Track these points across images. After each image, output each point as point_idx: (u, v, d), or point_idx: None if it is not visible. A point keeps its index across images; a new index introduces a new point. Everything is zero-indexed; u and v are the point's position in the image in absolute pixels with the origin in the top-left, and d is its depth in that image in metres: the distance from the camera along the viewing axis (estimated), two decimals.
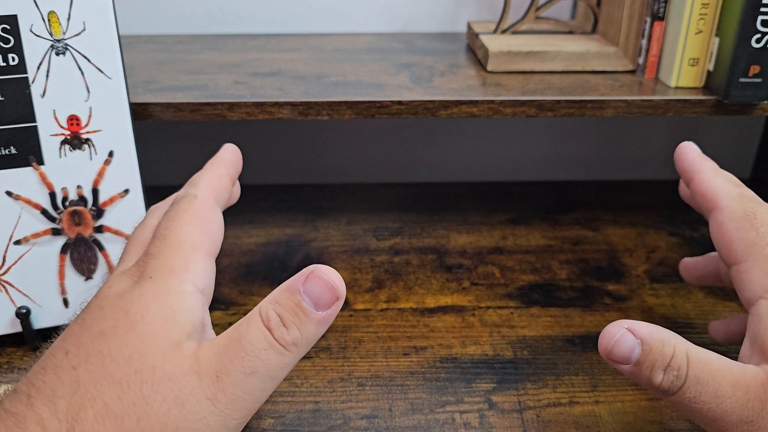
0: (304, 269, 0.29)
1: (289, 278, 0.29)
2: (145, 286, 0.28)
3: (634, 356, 0.30)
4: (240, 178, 0.71)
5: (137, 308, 0.28)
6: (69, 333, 0.28)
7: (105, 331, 0.27)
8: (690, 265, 0.43)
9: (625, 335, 0.30)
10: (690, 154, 0.38)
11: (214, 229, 0.32)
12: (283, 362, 0.28)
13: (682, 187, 0.41)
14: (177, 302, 0.28)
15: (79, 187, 0.41)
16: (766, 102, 0.44)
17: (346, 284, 0.30)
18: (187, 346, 0.27)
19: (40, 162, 0.40)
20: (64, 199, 0.41)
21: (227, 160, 0.36)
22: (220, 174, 0.35)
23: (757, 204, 0.34)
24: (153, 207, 0.36)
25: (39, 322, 0.42)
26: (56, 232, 0.41)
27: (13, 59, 0.39)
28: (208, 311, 0.30)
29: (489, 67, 0.49)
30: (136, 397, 0.26)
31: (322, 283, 0.28)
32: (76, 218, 0.41)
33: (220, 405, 0.26)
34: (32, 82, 0.39)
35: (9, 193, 0.40)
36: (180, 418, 0.26)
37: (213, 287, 0.31)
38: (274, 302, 0.28)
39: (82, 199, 0.41)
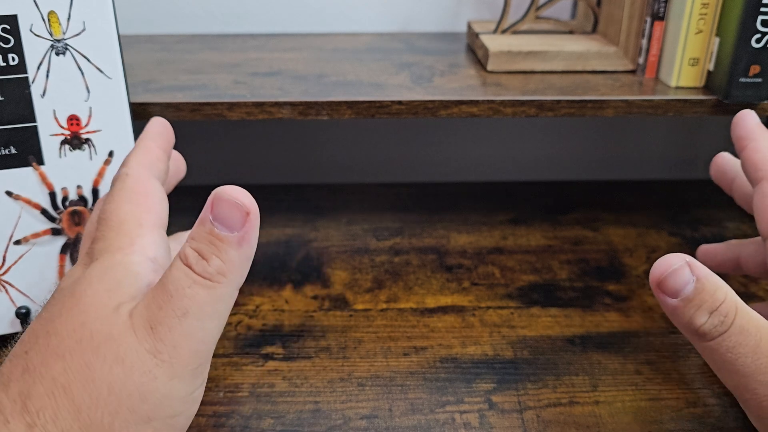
0: (210, 196, 0.28)
1: (288, 276, 0.29)
2: (92, 266, 0.29)
3: (686, 291, 0.29)
4: (240, 178, 0.71)
5: (83, 287, 0.28)
6: (27, 328, 0.28)
7: (53, 314, 0.27)
8: (710, 251, 0.43)
9: (684, 268, 0.30)
10: (749, 121, 0.38)
11: (154, 201, 0.32)
12: (215, 295, 0.27)
13: (715, 165, 0.41)
14: (121, 272, 0.28)
15: (79, 187, 0.41)
16: (766, 102, 0.44)
17: (345, 284, 0.30)
18: (125, 306, 0.27)
19: (40, 162, 0.40)
20: (64, 199, 0.41)
21: (154, 133, 0.36)
22: (149, 147, 0.35)
23: None
24: (99, 199, 0.36)
25: None
26: (56, 232, 0.41)
27: (13, 59, 0.39)
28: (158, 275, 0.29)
29: (489, 67, 0.49)
30: (79, 364, 0.26)
31: (228, 204, 0.27)
32: (76, 218, 0.41)
33: (162, 355, 0.26)
34: (32, 82, 0.39)
35: (9, 193, 0.40)
36: (124, 376, 0.26)
37: (169, 256, 0.30)
38: (189, 239, 0.27)
39: (82, 199, 0.41)
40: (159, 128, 0.36)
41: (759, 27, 0.42)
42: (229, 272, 0.27)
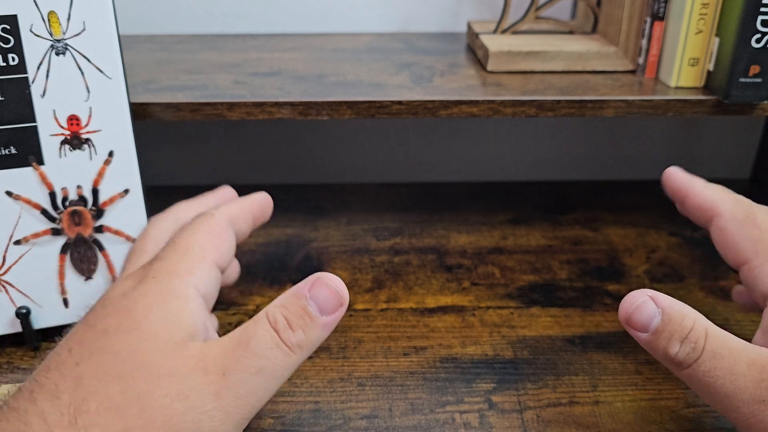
0: (310, 276, 0.30)
1: (288, 276, 0.29)
2: (148, 285, 0.29)
3: (653, 325, 0.30)
4: (240, 178, 0.71)
5: (140, 308, 0.28)
6: (73, 332, 0.29)
7: (108, 329, 0.28)
8: (743, 291, 0.43)
9: (647, 302, 0.31)
10: (678, 175, 0.40)
11: (224, 244, 0.33)
12: (288, 362, 0.29)
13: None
14: (179, 305, 0.29)
15: (79, 187, 0.41)
16: (766, 102, 0.44)
17: (345, 284, 0.30)
18: (192, 345, 0.28)
19: (40, 162, 0.40)
20: (64, 199, 0.41)
21: (256, 200, 0.39)
22: (243, 206, 0.38)
23: (753, 206, 0.36)
24: (154, 217, 0.37)
25: (39, 322, 0.42)
26: (56, 232, 0.41)
27: (13, 59, 0.39)
28: (210, 315, 0.31)
29: (489, 67, 0.49)
30: (140, 390, 0.26)
31: (328, 290, 0.30)
32: (76, 218, 0.41)
33: (224, 401, 0.27)
34: (32, 82, 0.39)
35: (9, 193, 0.40)
36: (183, 411, 0.26)
37: (216, 295, 0.32)
38: (281, 306, 0.29)
39: (82, 199, 0.41)
40: (261, 198, 0.40)
41: (759, 27, 0.42)
42: (306, 346, 0.29)
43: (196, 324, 0.29)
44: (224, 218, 0.35)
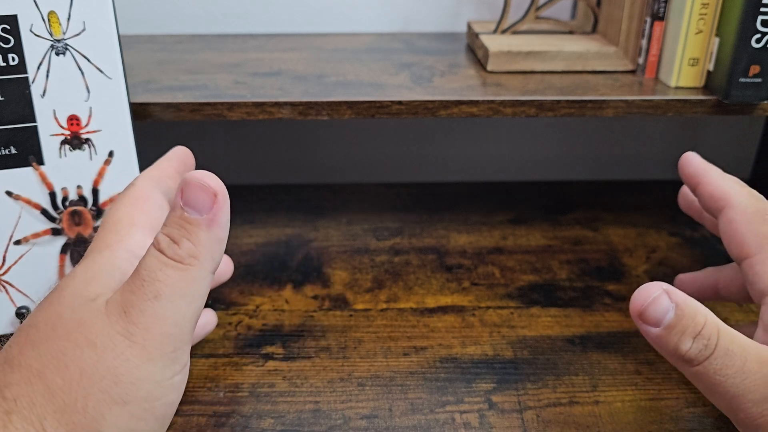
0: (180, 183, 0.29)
1: (288, 276, 0.29)
2: (80, 264, 0.29)
3: (667, 319, 0.30)
4: (240, 178, 0.71)
5: (66, 281, 0.28)
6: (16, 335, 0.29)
7: (36, 309, 0.28)
8: (687, 280, 0.43)
9: (662, 297, 0.30)
10: (695, 160, 0.40)
11: (151, 206, 0.33)
12: (187, 277, 0.27)
13: (683, 196, 0.42)
14: (103, 265, 0.29)
15: (79, 187, 0.41)
16: (766, 102, 0.44)
17: (345, 284, 0.30)
18: (103, 297, 0.28)
19: (40, 162, 0.40)
20: (64, 199, 0.41)
21: (171, 155, 0.38)
22: (161, 166, 0.37)
23: (765, 202, 0.36)
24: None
25: None
26: (56, 232, 0.41)
27: (13, 59, 0.39)
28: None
29: (489, 67, 0.49)
30: (53, 350, 0.26)
31: (196, 187, 0.28)
32: (76, 218, 0.41)
33: (135, 337, 0.27)
34: (32, 82, 0.39)
35: (9, 193, 0.40)
36: (96, 358, 0.26)
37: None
38: (162, 226, 0.28)
39: (82, 199, 0.41)
40: (178, 152, 0.39)
41: (759, 27, 0.42)
42: (200, 254, 0.28)
43: (121, 279, 0.29)
44: (146, 182, 0.34)
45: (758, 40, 0.42)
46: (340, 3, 0.61)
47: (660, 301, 0.30)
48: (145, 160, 0.42)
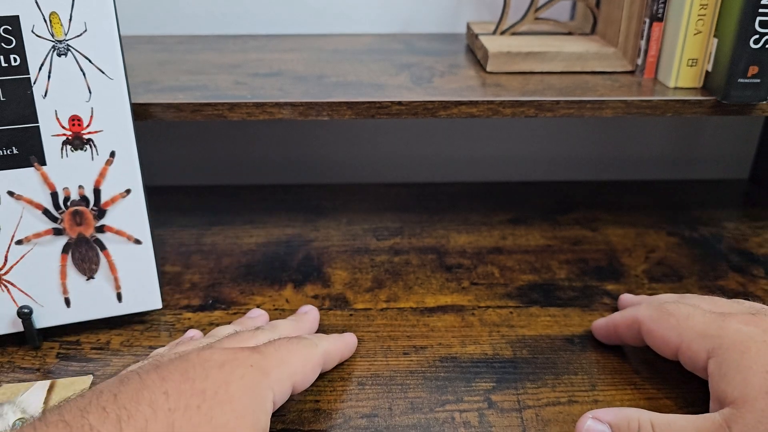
0: None
1: (288, 276, 0.29)
2: (245, 370, 0.32)
3: None
4: (241, 178, 0.71)
5: (236, 388, 0.31)
6: (169, 377, 0.30)
7: (206, 392, 0.30)
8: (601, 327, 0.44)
9: (593, 424, 0.34)
10: (599, 324, 0.43)
11: (309, 375, 0.36)
12: None
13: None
14: (263, 401, 0.32)
15: (80, 187, 0.41)
16: (764, 102, 0.45)
17: (346, 284, 0.31)
18: None
19: (42, 162, 0.40)
20: (66, 199, 0.41)
21: (347, 342, 0.41)
22: (338, 347, 0.40)
23: (663, 301, 0.40)
24: (260, 327, 0.40)
25: (40, 321, 0.42)
26: (58, 232, 0.41)
27: (15, 60, 0.39)
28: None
29: (489, 68, 0.50)
30: None
31: None
32: (78, 218, 0.42)
33: None
34: (34, 83, 0.40)
35: (11, 193, 0.40)
36: None
37: (275, 409, 0.34)
38: None
39: (83, 199, 0.41)
40: (351, 342, 0.42)
41: (757, 28, 0.42)
42: None
43: (266, 427, 0.32)
44: (322, 354, 0.37)
45: (756, 41, 0.42)
46: (341, 4, 0.61)
47: (593, 429, 0.34)
48: (146, 160, 0.43)
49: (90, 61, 0.40)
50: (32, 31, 0.39)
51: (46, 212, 0.41)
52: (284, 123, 0.66)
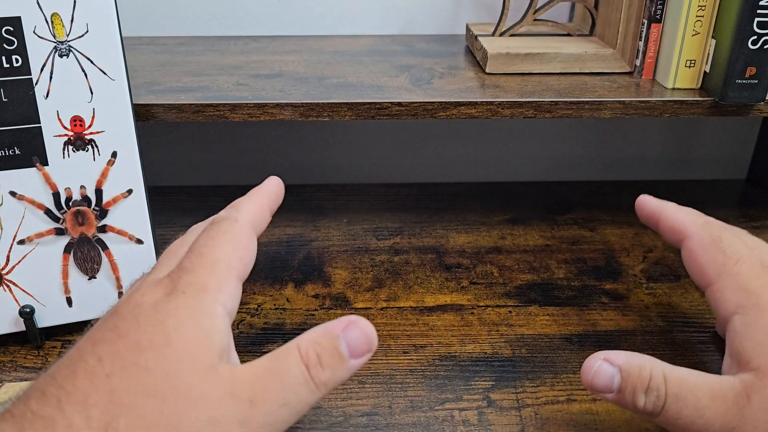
0: (345, 317, 0.30)
1: (289, 276, 0.29)
2: (179, 300, 0.29)
3: (615, 384, 0.32)
4: (241, 178, 0.71)
5: (172, 323, 0.28)
6: (100, 338, 0.28)
7: (141, 343, 0.27)
8: (646, 206, 0.42)
9: (603, 365, 0.32)
10: (649, 201, 0.41)
11: (249, 255, 0.32)
12: (312, 399, 0.29)
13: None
14: (209, 323, 0.29)
15: (82, 187, 0.42)
16: (762, 103, 0.45)
17: (346, 284, 0.30)
18: (222, 368, 0.28)
19: (44, 162, 0.41)
20: (68, 199, 0.41)
21: (270, 191, 0.37)
22: (262, 204, 0.36)
23: (722, 229, 0.37)
24: (194, 226, 0.36)
25: (42, 321, 0.42)
26: (59, 231, 0.42)
27: (17, 61, 0.39)
28: (231, 333, 0.30)
29: (488, 69, 0.50)
30: (171, 411, 0.26)
31: (361, 333, 0.30)
32: (80, 218, 0.42)
33: (249, 428, 0.27)
34: (36, 84, 0.40)
35: (13, 194, 0.41)
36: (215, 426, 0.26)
37: (237, 310, 0.31)
38: (313, 342, 0.29)
39: (85, 199, 0.42)
40: (275, 188, 0.37)
41: (755, 29, 0.42)
42: (330, 385, 0.29)
43: (223, 343, 0.29)
44: (248, 224, 0.33)
45: (754, 42, 0.42)
46: (341, 6, 0.62)
47: (602, 370, 0.32)
48: (147, 161, 0.43)
49: (92, 61, 0.40)
50: (34, 32, 0.39)
51: (48, 212, 0.41)
52: (285, 124, 0.66)
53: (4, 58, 0.39)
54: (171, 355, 0.27)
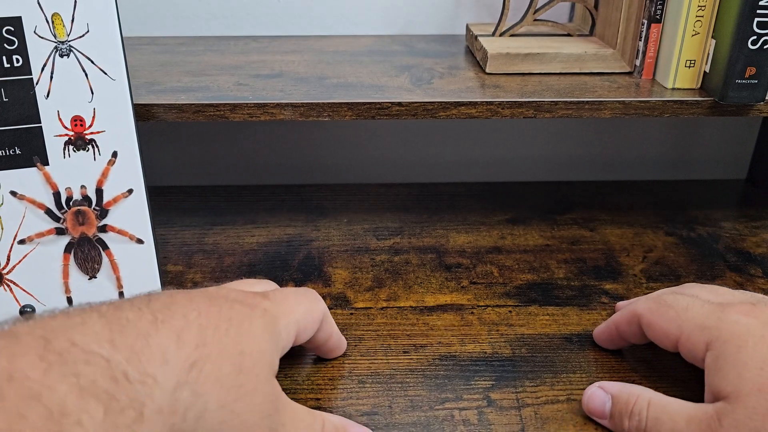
0: (364, 428, 0.35)
1: (289, 276, 0.29)
2: (262, 314, 0.33)
3: (607, 408, 0.36)
4: (242, 178, 0.71)
5: (258, 325, 0.32)
6: (196, 298, 0.31)
7: (232, 319, 0.31)
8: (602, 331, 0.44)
9: (597, 391, 0.37)
10: (600, 330, 0.43)
11: (310, 326, 0.37)
12: None
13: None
14: (277, 344, 0.33)
15: (83, 187, 0.42)
16: (762, 103, 0.45)
17: (346, 283, 0.31)
18: (275, 383, 0.32)
19: (45, 162, 0.41)
20: (68, 198, 0.41)
21: (342, 341, 0.42)
22: (335, 327, 0.41)
23: (662, 294, 0.40)
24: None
25: None
26: (60, 231, 0.42)
27: (18, 61, 0.39)
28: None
29: (488, 69, 0.50)
30: (241, 384, 0.29)
31: None
32: (80, 218, 0.42)
33: None
34: (36, 84, 0.40)
35: (13, 193, 0.41)
36: (251, 427, 0.30)
37: (285, 352, 0.35)
38: (334, 426, 0.34)
39: (86, 199, 0.42)
40: (343, 342, 0.42)
41: (755, 29, 0.42)
42: None
43: (278, 355, 0.33)
44: (323, 311, 0.38)
45: (754, 42, 0.42)
46: (341, 6, 0.62)
47: (596, 395, 0.37)
48: (148, 161, 0.43)
49: (92, 61, 0.41)
50: (35, 32, 0.39)
51: (48, 212, 0.41)
52: (285, 124, 0.66)
53: (4, 58, 0.39)
54: (253, 344, 0.31)
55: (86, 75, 0.41)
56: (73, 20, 0.40)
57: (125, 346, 0.26)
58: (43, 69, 0.40)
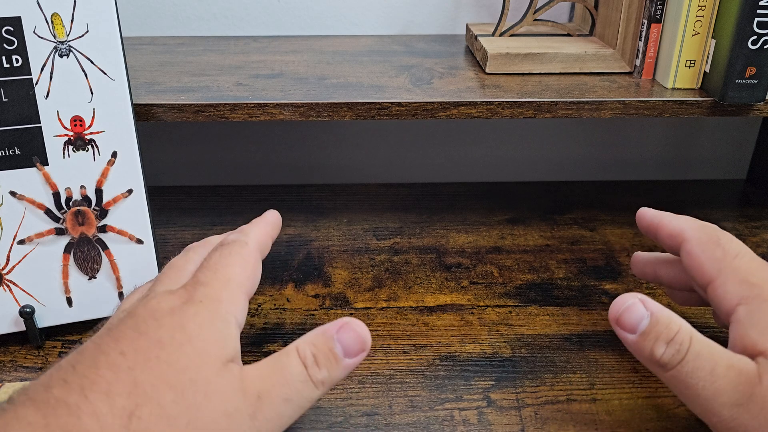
0: (339, 319, 0.32)
1: (289, 276, 0.29)
2: (197, 307, 0.31)
3: (641, 326, 0.32)
4: (242, 178, 0.71)
5: (192, 326, 0.30)
6: (121, 335, 0.30)
7: (162, 340, 0.29)
8: (641, 260, 0.44)
9: (637, 305, 0.33)
10: (648, 212, 0.41)
11: (256, 275, 0.35)
12: (312, 396, 0.31)
13: (636, 264, 0.43)
14: (225, 329, 0.31)
15: (82, 187, 0.42)
16: (762, 103, 0.45)
17: (346, 283, 0.31)
18: (233, 366, 0.30)
19: (44, 162, 0.41)
20: (68, 199, 0.41)
21: (271, 222, 0.40)
22: (267, 231, 0.39)
23: (718, 230, 0.37)
24: (192, 245, 0.38)
25: (43, 321, 0.42)
26: (60, 231, 0.42)
27: (17, 61, 0.39)
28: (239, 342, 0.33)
29: (488, 69, 0.50)
30: (190, 403, 0.28)
31: (354, 334, 0.32)
32: (80, 218, 0.42)
33: (257, 422, 0.29)
34: (36, 84, 0.40)
35: (13, 194, 0.41)
36: (225, 428, 0.28)
37: (244, 323, 0.34)
38: (310, 343, 0.32)
39: (85, 199, 0.42)
40: (275, 220, 0.41)
41: (755, 29, 0.42)
42: (328, 384, 0.32)
43: (235, 348, 0.31)
44: (256, 248, 0.36)
45: (754, 42, 0.42)
46: (341, 6, 0.62)
47: (635, 308, 0.33)
48: (148, 161, 0.43)
49: (92, 62, 0.40)
50: (34, 32, 0.39)
51: (48, 212, 0.41)
52: (285, 124, 0.66)
53: (4, 58, 0.39)
54: (190, 352, 0.29)
55: (86, 75, 0.41)
56: (72, 20, 0.40)
57: (59, 427, 0.25)
58: (42, 69, 0.40)
